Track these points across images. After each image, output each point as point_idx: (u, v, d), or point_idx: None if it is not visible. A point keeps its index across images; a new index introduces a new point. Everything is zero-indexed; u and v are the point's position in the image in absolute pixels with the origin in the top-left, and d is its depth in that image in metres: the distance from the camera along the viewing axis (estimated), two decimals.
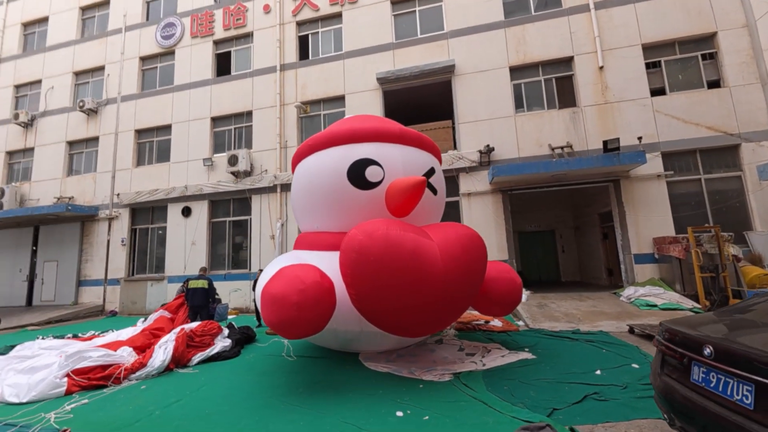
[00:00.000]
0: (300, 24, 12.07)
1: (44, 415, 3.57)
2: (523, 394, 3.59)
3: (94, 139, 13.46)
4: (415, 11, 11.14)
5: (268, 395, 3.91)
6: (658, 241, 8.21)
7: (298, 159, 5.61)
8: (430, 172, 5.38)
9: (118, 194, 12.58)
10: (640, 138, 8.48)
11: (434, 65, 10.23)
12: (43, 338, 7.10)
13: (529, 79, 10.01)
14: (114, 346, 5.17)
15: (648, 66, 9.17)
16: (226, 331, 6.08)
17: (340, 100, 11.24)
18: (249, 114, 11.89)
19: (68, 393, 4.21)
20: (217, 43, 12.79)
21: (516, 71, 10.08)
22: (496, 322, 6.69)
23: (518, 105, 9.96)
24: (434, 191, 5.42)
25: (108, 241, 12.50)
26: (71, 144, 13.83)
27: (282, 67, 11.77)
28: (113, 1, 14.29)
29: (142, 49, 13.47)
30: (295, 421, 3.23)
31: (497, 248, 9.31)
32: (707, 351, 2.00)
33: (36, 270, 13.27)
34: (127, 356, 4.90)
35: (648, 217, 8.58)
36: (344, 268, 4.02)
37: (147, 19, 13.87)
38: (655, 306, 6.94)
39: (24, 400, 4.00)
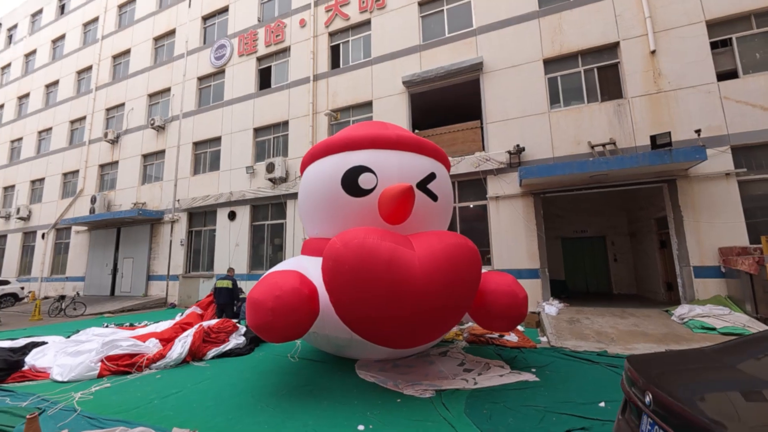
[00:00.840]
0: (332, 34, 12.51)
1: (72, 395, 4.19)
2: (501, 420, 3.30)
3: (162, 152, 15.40)
4: (443, 10, 10.87)
5: (252, 394, 4.12)
6: (725, 252, 6.92)
7: (303, 167, 5.83)
8: (429, 178, 5.21)
9: (178, 200, 14.23)
10: (698, 131, 7.24)
11: (460, 64, 9.86)
12: (107, 325, 8.32)
13: (566, 71, 9.15)
14: (145, 337, 5.86)
15: (714, 46, 7.80)
16: (242, 329, 6.52)
17: (368, 105, 11.39)
18: (285, 123, 12.62)
19: (100, 376, 4.88)
20: (259, 59, 13.81)
21: (551, 63, 9.29)
22: (512, 337, 6.22)
23: (554, 100, 9.16)
24: (434, 197, 5.23)
25: (170, 242, 14.19)
26: (145, 157, 15.97)
27: (315, 78, 12.31)
28: (178, 29, 16.22)
29: (200, 70, 15.08)
30: (260, 423, 3.36)
31: (527, 256, 8.65)
32: (647, 399, 1.66)
33: (118, 265, 15.56)
34: (152, 347, 5.52)
35: (712, 224, 7.29)
36: (324, 275, 4.08)
37: (204, 42, 15.48)
38: (714, 329, 5.87)
39: (65, 379, 4.74)
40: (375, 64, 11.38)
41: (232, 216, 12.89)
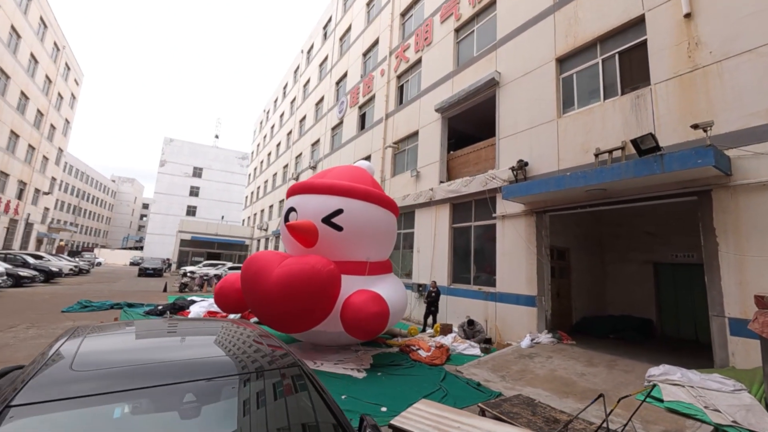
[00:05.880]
0: (399, 77, 14.67)
1: None
2: None
3: None
4: (473, 30, 11.02)
5: None
6: (762, 304, 4.51)
7: None
8: (334, 214, 6.89)
9: None
10: (697, 125, 4.96)
11: (477, 83, 9.91)
12: None
13: (583, 65, 7.70)
14: None
15: None
16: None
17: (416, 134, 12.83)
18: (368, 157, 15.72)
19: None
20: (360, 107, 17.64)
21: (566, 61, 8.04)
22: (427, 352, 6.65)
23: (567, 104, 7.90)
24: (338, 228, 6.84)
25: None
26: None
27: (386, 116, 14.81)
28: (325, 95, 22.58)
29: (332, 123, 20.57)
30: None
31: (526, 281, 7.94)
32: None
33: None
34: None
35: (766, 258, 4.79)
36: None
37: (336, 101, 20.95)
38: (661, 402, 4.40)
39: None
40: (422, 96, 12.71)
41: None
